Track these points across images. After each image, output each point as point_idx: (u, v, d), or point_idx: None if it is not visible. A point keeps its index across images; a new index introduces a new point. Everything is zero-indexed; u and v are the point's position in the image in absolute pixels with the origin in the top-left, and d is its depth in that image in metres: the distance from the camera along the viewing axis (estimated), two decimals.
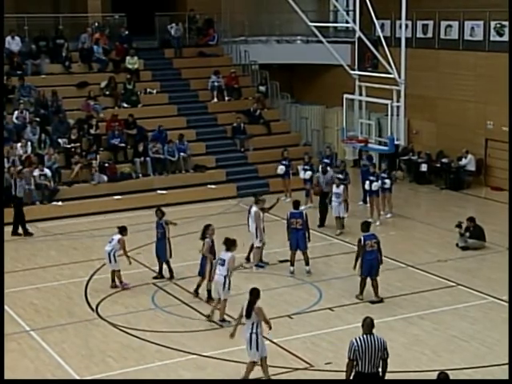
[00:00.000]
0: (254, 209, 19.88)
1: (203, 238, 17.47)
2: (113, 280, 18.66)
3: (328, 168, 24.25)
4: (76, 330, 16.39)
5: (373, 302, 17.55)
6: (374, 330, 11.94)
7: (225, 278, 16.31)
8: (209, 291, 17.45)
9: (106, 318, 16.96)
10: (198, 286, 17.77)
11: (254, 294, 13.84)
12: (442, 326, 16.32)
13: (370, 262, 17.40)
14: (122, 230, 18.77)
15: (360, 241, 17.54)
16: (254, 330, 13.64)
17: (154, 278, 19.18)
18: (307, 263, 19.29)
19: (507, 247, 21.06)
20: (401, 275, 19.45)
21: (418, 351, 15.16)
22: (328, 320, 16.75)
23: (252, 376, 14.13)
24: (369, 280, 17.64)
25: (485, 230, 21.52)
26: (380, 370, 11.74)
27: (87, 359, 15.02)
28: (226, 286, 16.33)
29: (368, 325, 11.79)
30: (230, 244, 16.52)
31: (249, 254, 20.23)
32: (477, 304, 17.60)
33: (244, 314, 13.74)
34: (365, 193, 25.13)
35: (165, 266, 19.18)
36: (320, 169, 24.14)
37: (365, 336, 11.68)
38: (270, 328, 14.04)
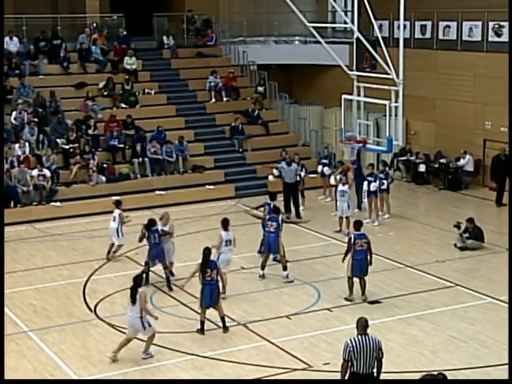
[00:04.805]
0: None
1: None
2: (108, 252, 20.21)
3: (293, 162, 24.94)
4: (74, 331, 16.39)
5: (371, 302, 17.56)
6: (372, 331, 11.94)
7: None
8: None
9: (104, 318, 16.95)
10: None
11: (138, 281, 15.01)
12: (441, 327, 16.32)
13: (359, 262, 17.42)
14: (119, 204, 20.59)
15: (350, 239, 17.58)
16: (141, 315, 14.71)
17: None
18: (285, 268, 19.10)
19: (506, 248, 21.07)
20: (399, 276, 19.46)
21: (416, 352, 15.16)
22: (326, 321, 16.75)
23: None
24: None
25: (483, 230, 21.54)
26: (375, 370, 11.72)
27: (86, 360, 15.02)
28: None
29: (362, 325, 11.74)
30: None
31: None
32: (475, 304, 17.60)
33: (129, 300, 14.80)
34: (359, 199, 25.18)
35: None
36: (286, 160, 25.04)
37: (360, 336, 11.63)
38: (156, 318, 15.07)
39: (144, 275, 18.83)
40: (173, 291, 18.35)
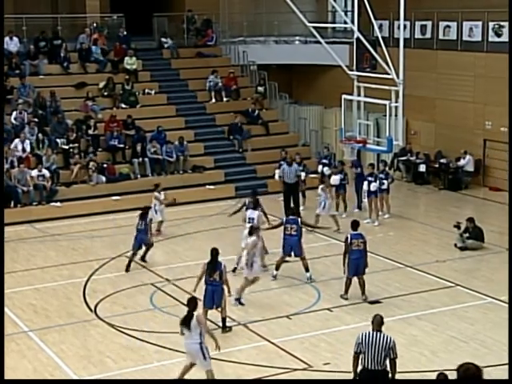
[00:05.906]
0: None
1: None
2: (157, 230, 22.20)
3: (294, 162, 24.87)
4: (74, 331, 16.38)
5: (371, 303, 17.56)
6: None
7: None
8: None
9: (104, 318, 16.95)
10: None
11: (192, 304, 13.32)
12: (441, 327, 16.32)
13: (355, 262, 17.41)
14: (156, 187, 23.09)
15: (347, 239, 17.58)
16: (202, 340, 13.16)
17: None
18: (307, 269, 19.18)
19: (506, 248, 21.08)
20: (399, 276, 19.46)
21: (416, 352, 15.16)
22: (326, 321, 16.74)
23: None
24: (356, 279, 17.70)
25: (483, 230, 21.54)
26: (388, 369, 11.81)
27: (86, 360, 15.02)
28: None
29: (378, 322, 12.01)
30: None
31: None
32: (475, 304, 17.60)
33: (183, 325, 13.20)
34: (359, 199, 25.19)
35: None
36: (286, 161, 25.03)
37: (371, 332, 11.87)
38: (217, 345, 13.37)
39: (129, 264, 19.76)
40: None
